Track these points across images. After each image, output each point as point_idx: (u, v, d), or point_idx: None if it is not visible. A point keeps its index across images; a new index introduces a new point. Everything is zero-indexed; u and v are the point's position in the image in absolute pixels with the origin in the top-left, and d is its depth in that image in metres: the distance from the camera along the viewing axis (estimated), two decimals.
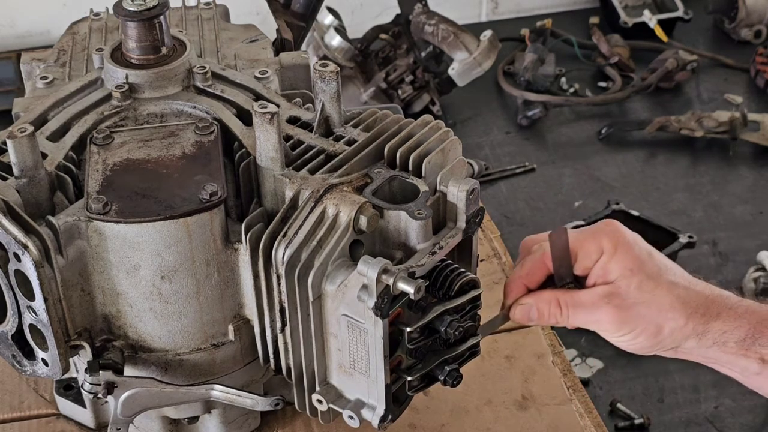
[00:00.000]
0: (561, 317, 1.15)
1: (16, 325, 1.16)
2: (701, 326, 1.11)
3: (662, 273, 1.13)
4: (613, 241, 1.12)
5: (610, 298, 1.12)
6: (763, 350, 1.11)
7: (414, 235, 1.11)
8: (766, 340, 1.11)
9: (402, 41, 3.69)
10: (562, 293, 1.15)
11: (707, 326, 1.11)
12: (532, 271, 1.17)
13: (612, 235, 1.13)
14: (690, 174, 3.51)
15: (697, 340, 1.12)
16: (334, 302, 1.11)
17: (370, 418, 1.16)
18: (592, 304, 1.12)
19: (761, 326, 1.11)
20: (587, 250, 1.14)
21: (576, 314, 1.14)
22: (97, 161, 1.19)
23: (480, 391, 1.44)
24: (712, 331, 1.12)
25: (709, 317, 1.11)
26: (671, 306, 1.11)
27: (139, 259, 1.15)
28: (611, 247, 1.12)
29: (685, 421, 2.63)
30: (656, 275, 1.12)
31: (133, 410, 1.22)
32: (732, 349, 1.12)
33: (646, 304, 1.11)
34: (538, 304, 1.16)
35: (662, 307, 1.11)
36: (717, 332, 1.11)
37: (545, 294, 1.16)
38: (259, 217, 1.17)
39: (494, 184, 3.47)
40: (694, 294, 1.12)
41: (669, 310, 1.11)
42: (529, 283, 1.18)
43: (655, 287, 1.11)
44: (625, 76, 3.92)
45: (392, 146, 1.18)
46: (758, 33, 4.12)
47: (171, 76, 1.27)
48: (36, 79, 1.38)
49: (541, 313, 1.16)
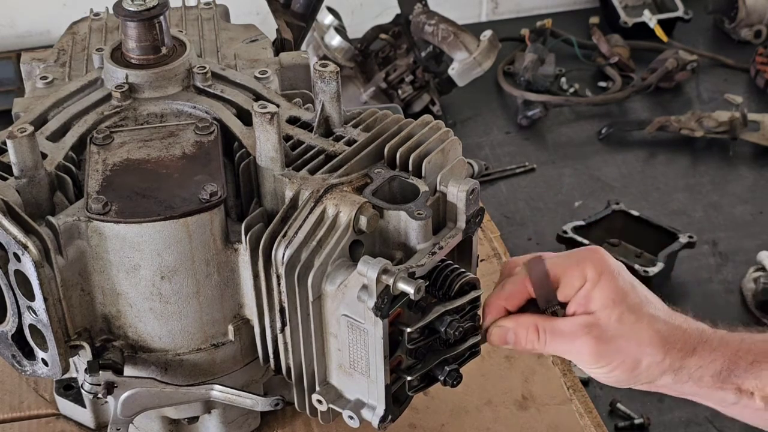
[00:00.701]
0: (538, 343, 1.13)
1: (16, 325, 1.16)
2: (678, 362, 1.10)
3: (643, 306, 1.11)
4: (597, 270, 1.11)
5: (590, 328, 1.10)
6: (738, 381, 1.10)
7: (414, 235, 1.11)
8: (742, 371, 1.10)
9: (402, 41, 3.69)
10: (541, 319, 1.13)
11: (683, 362, 1.10)
12: (512, 293, 1.16)
13: (597, 264, 1.11)
14: (690, 174, 3.51)
15: (673, 376, 1.11)
16: (334, 302, 1.11)
17: (370, 418, 1.16)
18: (572, 333, 1.11)
19: (736, 357, 1.10)
20: (570, 277, 1.12)
21: (554, 342, 1.12)
22: (97, 161, 1.19)
23: (480, 391, 1.44)
24: (687, 366, 1.10)
25: (685, 353, 1.10)
26: (650, 341, 1.10)
27: (139, 259, 1.15)
28: (595, 275, 1.11)
29: (685, 421, 2.63)
30: (638, 308, 1.11)
31: (133, 410, 1.22)
32: (708, 383, 1.11)
33: (625, 338, 1.10)
34: (516, 329, 1.14)
35: (641, 342, 1.10)
36: (693, 368, 1.10)
37: (524, 318, 1.14)
38: (259, 217, 1.17)
39: (494, 184, 3.47)
40: (674, 328, 1.11)
41: (648, 345, 1.10)
42: (508, 305, 1.16)
43: (635, 321, 1.10)
44: (625, 76, 3.92)
45: (392, 146, 1.18)
46: (758, 33, 4.12)
47: (171, 76, 1.27)
48: (36, 79, 1.38)
49: (518, 338, 1.14)
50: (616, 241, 3.05)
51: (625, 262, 2.79)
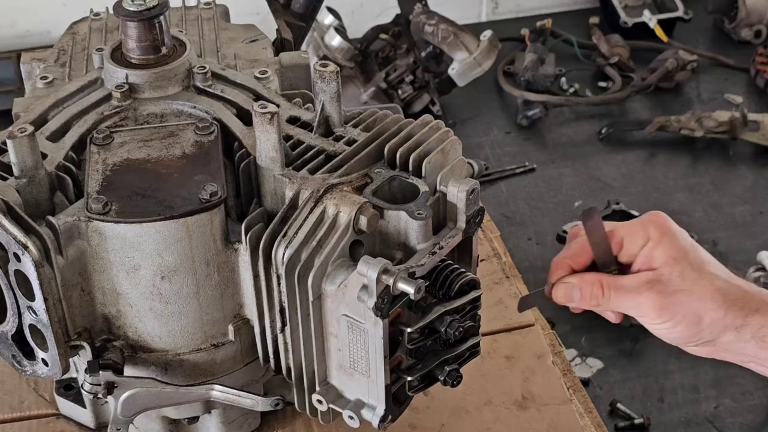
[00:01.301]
0: (602, 299, 1.16)
1: (16, 325, 1.16)
2: (740, 319, 1.12)
3: (704, 265, 1.14)
4: (659, 230, 1.14)
5: (652, 284, 1.13)
6: None
7: (414, 235, 1.11)
8: None
9: (402, 41, 3.69)
10: (605, 276, 1.16)
11: (746, 320, 1.12)
12: (578, 252, 1.18)
13: (659, 225, 1.15)
14: (690, 174, 3.51)
15: (736, 334, 1.12)
16: (334, 302, 1.11)
17: (370, 418, 1.16)
18: (635, 289, 1.13)
19: None
20: (634, 237, 1.15)
21: (617, 297, 1.15)
22: (97, 161, 1.19)
23: (480, 391, 1.44)
24: (750, 324, 1.12)
25: (747, 311, 1.12)
26: (711, 297, 1.12)
27: (139, 259, 1.15)
28: (658, 235, 1.14)
29: (685, 421, 2.63)
30: (698, 266, 1.13)
31: (133, 410, 1.22)
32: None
33: (687, 293, 1.12)
34: (581, 284, 1.16)
35: (703, 297, 1.12)
36: (755, 326, 1.12)
37: (588, 275, 1.17)
38: (259, 217, 1.17)
39: (494, 184, 3.47)
40: (735, 287, 1.13)
41: (709, 300, 1.12)
42: (574, 264, 1.18)
43: (697, 277, 1.12)
44: (625, 76, 3.92)
45: (392, 146, 1.18)
46: (758, 33, 4.12)
47: (171, 76, 1.27)
48: (36, 79, 1.38)
49: (583, 294, 1.16)
50: None
51: None
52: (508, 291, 1.61)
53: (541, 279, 1.20)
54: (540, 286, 1.20)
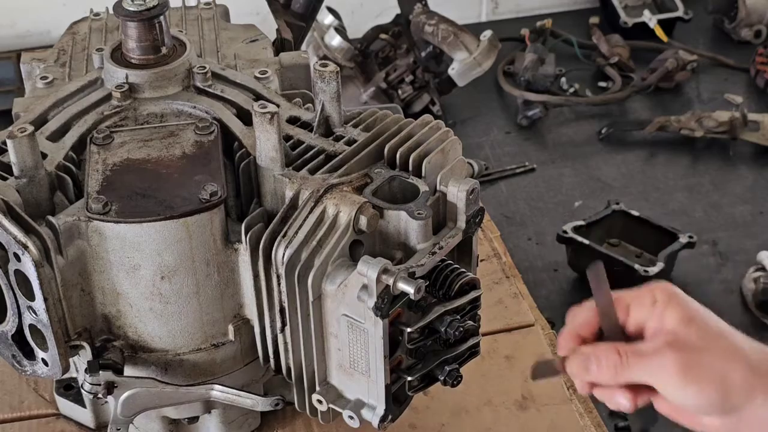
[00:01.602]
0: (620, 367, 1.06)
1: (16, 325, 1.16)
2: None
3: (719, 323, 1.06)
4: (666, 294, 1.07)
5: (672, 344, 1.03)
6: None
7: (414, 235, 1.11)
8: None
9: (402, 41, 3.69)
10: (620, 344, 1.07)
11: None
12: (586, 320, 1.10)
13: (665, 290, 1.07)
14: (690, 174, 3.51)
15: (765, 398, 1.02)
16: (334, 302, 1.11)
17: (370, 418, 1.16)
18: (655, 351, 1.03)
19: None
20: (641, 300, 1.08)
21: (637, 363, 1.05)
22: (97, 161, 1.19)
23: (480, 391, 1.44)
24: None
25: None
26: (735, 356, 1.03)
27: (139, 259, 1.15)
28: (665, 297, 1.06)
29: None
30: (714, 325, 1.05)
31: (133, 410, 1.22)
32: None
33: (710, 352, 1.03)
34: (596, 353, 1.07)
35: (726, 356, 1.03)
36: None
37: (602, 344, 1.08)
38: (259, 217, 1.17)
39: (494, 184, 3.47)
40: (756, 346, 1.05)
41: (733, 359, 1.03)
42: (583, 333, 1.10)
43: (716, 336, 1.04)
44: (625, 76, 3.92)
45: (392, 146, 1.18)
46: (758, 33, 4.11)
47: (171, 76, 1.27)
48: (36, 79, 1.38)
49: (599, 363, 1.07)
50: (615, 241, 3.05)
51: (625, 262, 2.82)
52: (508, 291, 1.61)
53: (541, 279, 1.20)
54: (540, 286, 1.20)
